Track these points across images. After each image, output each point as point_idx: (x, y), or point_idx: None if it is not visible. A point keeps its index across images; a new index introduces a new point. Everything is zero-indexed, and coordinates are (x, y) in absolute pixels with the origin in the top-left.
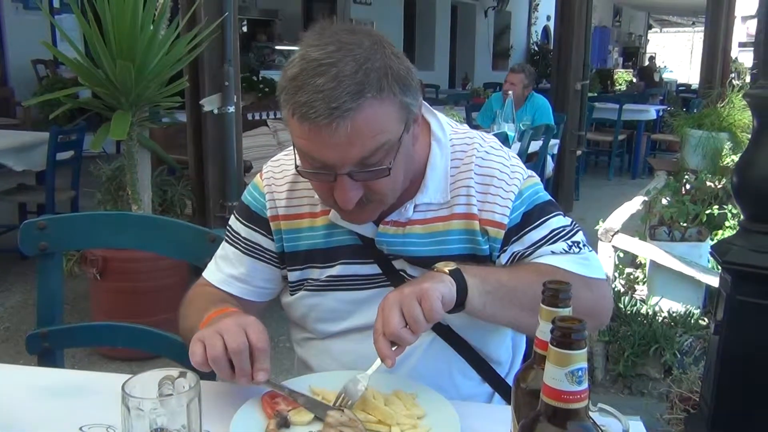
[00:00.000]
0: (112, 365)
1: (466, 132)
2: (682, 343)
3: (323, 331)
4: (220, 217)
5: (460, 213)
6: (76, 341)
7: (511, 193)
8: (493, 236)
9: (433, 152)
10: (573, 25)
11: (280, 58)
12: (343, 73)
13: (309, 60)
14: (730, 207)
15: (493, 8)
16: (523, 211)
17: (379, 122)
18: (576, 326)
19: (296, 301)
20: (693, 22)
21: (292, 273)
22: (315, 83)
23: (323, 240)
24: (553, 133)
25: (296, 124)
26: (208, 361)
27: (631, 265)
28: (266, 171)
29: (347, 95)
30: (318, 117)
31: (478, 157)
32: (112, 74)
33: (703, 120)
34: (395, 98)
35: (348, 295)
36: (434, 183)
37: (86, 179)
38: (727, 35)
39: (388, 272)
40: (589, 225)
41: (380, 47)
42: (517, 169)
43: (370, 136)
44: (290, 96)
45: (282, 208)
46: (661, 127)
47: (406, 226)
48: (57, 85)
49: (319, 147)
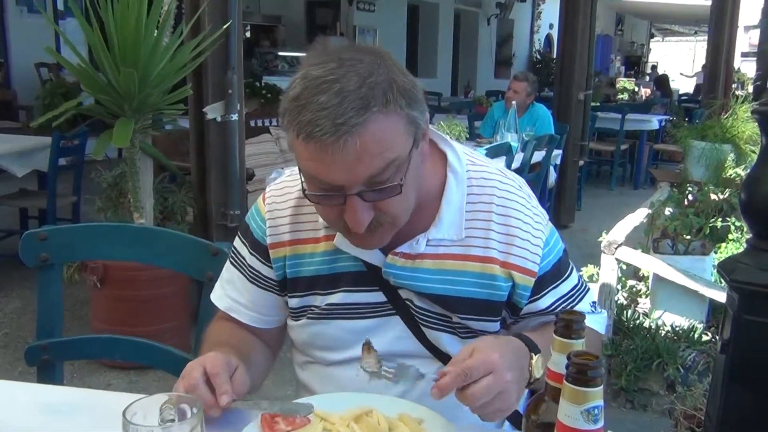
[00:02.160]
0: (111, 374)
1: (484, 166)
2: (685, 358)
3: (326, 358)
4: (221, 226)
5: (477, 255)
6: (76, 353)
7: (540, 239)
8: (521, 283)
9: (449, 184)
10: (576, 35)
11: (283, 64)
12: (346, 88)
13: (310, 78)
14: (734, 219)
15: (495, 16)
16: (553, 261)
17: (387, 137)
18: (592, 363)
19: (299, 327)
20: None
21: (294, 300)
22: (318, 101)
23: (327, 266)
24: (556, 144)
25: (302, 146)
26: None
27: (633, 277)
28: (268, 195)
29: (352, 110)
30: (324, 135)
31: (499, 197)
32: (115, 81)
33: (706, 131)
34: (401, 112)
35: (352, 324)
36: (449, 218)
37: (88, 184)
38: (730, 45)
39: (393, 301)
40: (591, 236)
41: (383, 61)
42: (539, 212)
43: (378, 152)
44: (294, 117)
45: (286, 234)
46: (663, 137)
47: (416, 259)
48: (60, 90)
49: (326, 167)
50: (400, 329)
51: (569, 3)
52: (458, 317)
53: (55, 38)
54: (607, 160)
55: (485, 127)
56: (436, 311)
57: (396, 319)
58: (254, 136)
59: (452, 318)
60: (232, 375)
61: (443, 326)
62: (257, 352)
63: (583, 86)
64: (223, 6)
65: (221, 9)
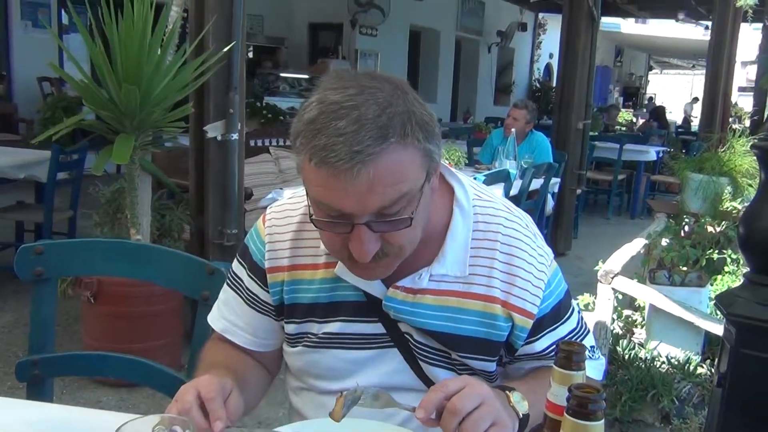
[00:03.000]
0: (101, 390)
1: (491, 201)
2: (681, 390)
3: (321, 387)
4: (218, 244)
5: (479, 294)
6: (67, 370)
7: (541, 281)
8: (520, 324)
9: (454, 220)
10: (576, 64)
11: (284, 86)
12: (365, 116)
13: (328, 103)
14: (730, 252)
15: (496, 44)
16: (553, 303)
17: (402, 169)
18: (594, 396)
19: (295, 354)
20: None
21: (290, 326)
22: (336, 126)
23: (326, 294)
24: (554, 172)
25: (313, 171)
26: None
27: (629, 307)
28: (269, 218)
29: (370, 139)
30: (338, 161)
31: (504, 234)
32: (116, 97)
33: (703, 164)
34: (419, 145)
35: (349, 354)
36: (453, 254)
37: (85, 199)
38: (727, 79)
39: (392, 333)
40: (587, 264)
41: (402, 92)
42: (543, 253)
43: (391, 183)
44: (308, 140)
45: (285, 258)
46: (660, 169)
47: (417, 294)
48: (61, 104)
49: (337, 194)
50: (398, 362)
51: (569, 33)
52: (457, 354)
53: (58, 53)
54: (605, 190)
55: (484, 153)
56: (435, 347)
57: (394, 351)
58: (254, 155)
59: (451, 355)
60: (226, 399)
61: (442, 362)
62: (254, 374)
63: (582, 115)
64: (227, 27)
65: (225, 29)
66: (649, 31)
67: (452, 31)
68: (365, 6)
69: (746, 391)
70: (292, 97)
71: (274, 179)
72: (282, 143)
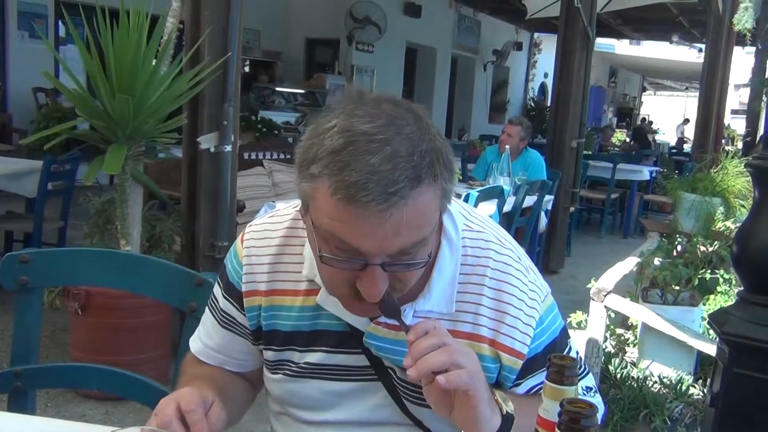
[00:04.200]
0: (86, 404)
1: (481, 232)
2: (673, 410)
3: (302, 417)
4: (208, 256)
5: (465, 332)
6: (50, 382)
7: (532, 319)
8: (508, 365)
9: (442, 254)
10: (571, 84)
11: (279, 100)
12: (399, 153)
13: (357, 133)
14: (722, 272)
15: (492, 63)
16: (545, 343)
17: (428, 211)
18: (586, 411)
19: (275, 382)
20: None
21: (269, 352)
22: (368, 161)
23: (307, 322)
24: (548, 189)
25: (335, 205)
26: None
27: (622, 326)
28: (247, 237)
29: (405, 179)
30: (371, 202)
31: (493, 269)
32: (110, 107)
33: (696, 184)
34: (445, 186)
35: (331, 386)
36: (439, 290)
37: (76, 210)
38: (720, 101)
39: (376, 367)
40: (580, 282)
41: (426, 125)
42: (536, 288)
43: (417, 226)
44: (334, 173)
45: (263, 283)
46: (653, 188)
47: (399, 330)
48: (55, 114)
49: (358, 233)
50: (382, 396)
51: (564, 53)
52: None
53: (54, 65)
54: (598, 208)
55: (478, 170)
56: (419, 385)
57: (378, 385)
58: (247, 168)
59: None
60: (207, 411)
61: (425, 401)
62: (236, 387)
63: (576, 134)
64: (223, 38)
65: (221, 41)
66: (643, 52)
67: (448, 48)
68: (362, 22)
69: (740, 411)
70: (288, 112)
71: (267, 192)
72: (276, 157)
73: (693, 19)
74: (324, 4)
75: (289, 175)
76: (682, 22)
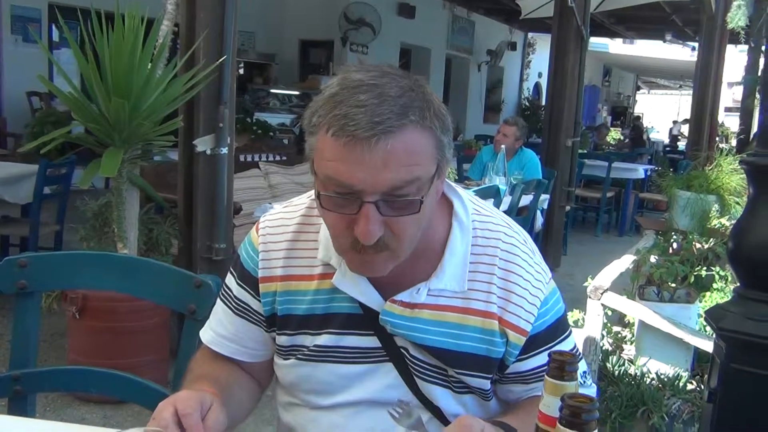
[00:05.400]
0: (85, 407)
1: (490, 216)
2: (670, 407)
3: (313, 402)
4: (206, 259)
5: (478, 310)
6: (50, 385)
7: (537, 299)
8: (513, 341)
9: (453, 234)
10: (566, 83)
11: (274, 102)
12: (387, 93)
13: (350, 80)
14: (718, 269)
15: (486, 63)
16: (548, 322)
17: (418, 151)
18: (587, 406)
19: (286, 368)
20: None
21: (283, 337)
22: (357, 98)
23: (321, 305)
24: (543, 188)
25: (329, 142)
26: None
27: (619, 323)
28: (262, 226)
29: (391, 113)
30: (357, 129)
31: (503, 250)
32: (106, 110)
33: (691, 182)
34: (434, 132)
35: (343, 369)
36: (452, 269)
37: (72, 213)
38: (714, 100)
39: (388, 348)
40: (577, 281)
41: (421, 85)
42: (541, 270)
43: (406, 163)
44: (327, 111)
45: (279, 268)
46: (648, 186)
47: (414, 308)
48: (50, 118)
49: (350, 168)
50: (393, 377)
51: (558, 53)
52: (454, 371)
53: (48, 68)
54: (594, 207)
55: (474, 169)
56: (431, 363)
57: (389, 366)
58: (243, 170)
59: (448, 371)
60: (205, 414)
61: (438, 379)
62: (241, 386)
63: (571, 133)
64: (218, 42)
65: (216, 44)
66: (637, 51)
67: (443, 49)
68: (356, 24)
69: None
70: (283, 113)
71: (264, 194)
72: (272, 158)
73: (686, 18)
74: (318, 6)
75: (285, 176)
76: (675, 20)
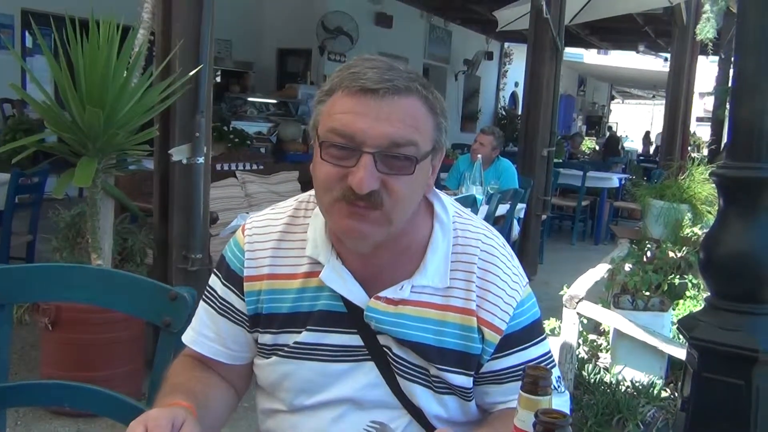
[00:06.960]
0: (57, 421)
1: (470, 219)
2: (645, 414)
3: (294, 403)
4: (181, 269)
5: (457, 306)
6: (21, 400)
7: (513, 299)
8: (489, 339)
9: (435, 234)
10: (541, 93)
11: (252, 110)
12: (396, 67)
13: (363, 57)
14: (691, 277)
15: (463, 72)
16: (523, 323)
17: (420, 118)
18: (560, 422)
19: (269, 366)
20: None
21: (266, 336)
22: (371, 63)
23: (306, 303)
24: (520, 198)
25: (339, 99)
26: None
27: (594, 332)
28: (249, 227)
29: (400, 78)
30: (367, 81)
31: (483, 250)
32: (80, 119)
33: (664, 191)
34: (436, 111)
35: (325, 367)
36: (434, 266)
37: (45, 223)
38: (686, 110)
39: (370, 346)
40: (552, 289)
41: (429, 83)
42: (518, 273)
43: (408, 124)
44: (341, 72)
45: (265, 267)
46: (623, 195)
47: (398, 304)
48: (22, 126)
49: (355, 117)
50: (374, 376)
51: (534, 63)
52: (436, 368)
53: (21, 76)
54: (569, 216)
55: (451, 178)
56: (414, 362)
57: (370, 365)
58: (220, 179)
59: (429, 370)
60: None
61: (419, 378)
62: (217, 394)
63: (547, 142)
64: (194, 50)
65: (192, 53)
66: (611, 61)
67: (420, 58)
68: (334, 33)
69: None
70: (260, 122)
71: (241, 203)
72: (249, 168)
73: (658, 29)
74: (295, 15)
75: (262, 186)
76: (648, 32)
